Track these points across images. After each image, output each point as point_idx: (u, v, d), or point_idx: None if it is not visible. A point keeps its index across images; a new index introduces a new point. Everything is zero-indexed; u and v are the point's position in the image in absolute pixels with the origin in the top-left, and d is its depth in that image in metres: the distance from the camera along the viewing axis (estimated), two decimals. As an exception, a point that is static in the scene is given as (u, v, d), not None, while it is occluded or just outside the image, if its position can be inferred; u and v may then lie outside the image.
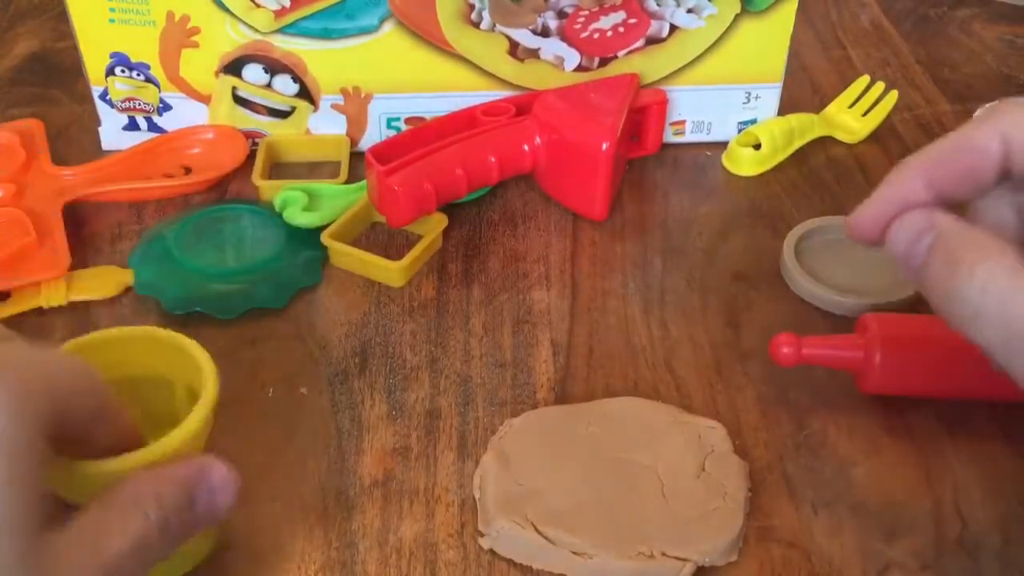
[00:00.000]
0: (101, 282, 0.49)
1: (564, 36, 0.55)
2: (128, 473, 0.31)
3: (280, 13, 0.54)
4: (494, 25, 0.54)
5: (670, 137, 0.59)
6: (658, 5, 0.55)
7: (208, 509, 0.32)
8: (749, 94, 0.58)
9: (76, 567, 0.28)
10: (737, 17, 0.55)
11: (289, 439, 0.42)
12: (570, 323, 0.48)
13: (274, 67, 0.56)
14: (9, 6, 0.73)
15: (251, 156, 0.57)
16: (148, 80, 0.56)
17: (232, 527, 0.38)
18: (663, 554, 0.36)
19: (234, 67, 0.56)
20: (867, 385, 0.42)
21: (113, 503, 0.30)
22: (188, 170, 0.57)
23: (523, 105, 0.54)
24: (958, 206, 0.33)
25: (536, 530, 0.37)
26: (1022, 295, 0.28)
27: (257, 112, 0.57)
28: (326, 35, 0.54)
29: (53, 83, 0.64)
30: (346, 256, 0.50)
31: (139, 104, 0.57)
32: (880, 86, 0.62)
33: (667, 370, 0.45)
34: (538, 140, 0.53)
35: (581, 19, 0.55)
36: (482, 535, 0.38)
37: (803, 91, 0.65)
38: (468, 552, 0.38)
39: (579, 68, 0.56)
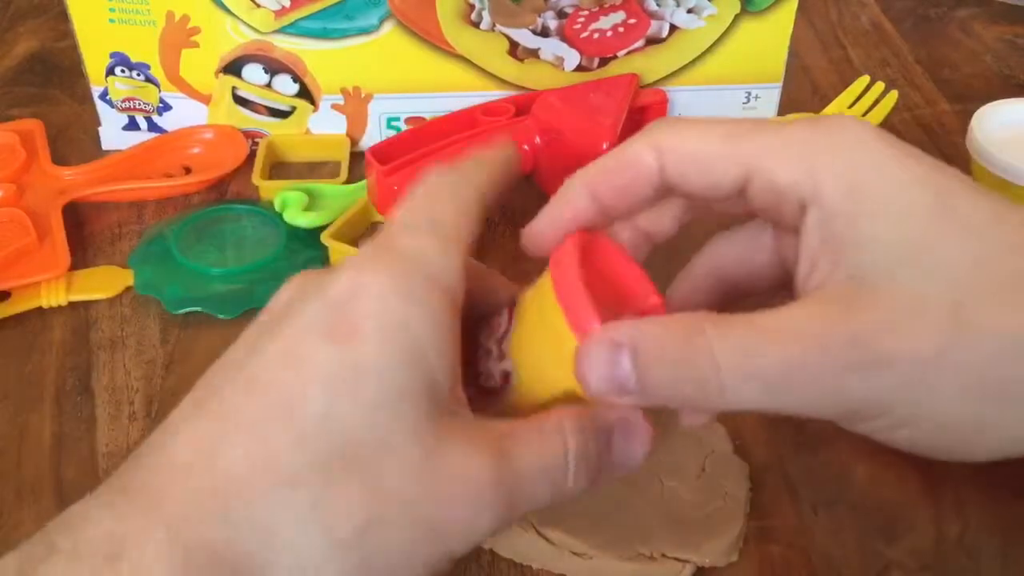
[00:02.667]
0: (101, 282, 0.49)
1: (564, 36, 0.55)
2: None
3: (280, 13, 0.54)
4: (494, 25, 0.54)
5: (670, 137, 0.59)
6: (658, 5, 0.55)
7: (622, 458, 0.31)
8: (749, 94, 0.58)
9: (471, 455, 0.28)
10: (737, 17, 0.55)
11: (289, 439, 0.42)
12: (570, 323, 0.47)
13: (274, 67, 0.56)
14: (9, 6, 0.73)
15: (251, 156, 0.57)
16: (148, 80, 0.56)
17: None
18: (663, 555, 0.36)
19: (234, 67, 0.56)
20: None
21: (533, 421, 0.30)
22: (188, 170, 0.57)
23: (523, 105, 0.54)
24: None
25: (536, 531, 0.37)
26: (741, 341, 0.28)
27: (257, 112, 0.57)
28: (326, 35, 0.54)
29: (53, 83, 0.64)
30: (346, 256, 0.50)
31: (139, 104, 0.57)
32: (880, 86, 0.62)
33: (667, 370, 0.45)
34: (538, 140, 0.53)
35: (581, 19, 0.55)
36: (482, 535, 0.38)
37: (803, 91, 0.65)
38: (468, 553, 0.38)
39: (579, 68, 0.56)
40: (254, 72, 0.56)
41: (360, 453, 0.27)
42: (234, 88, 0.56)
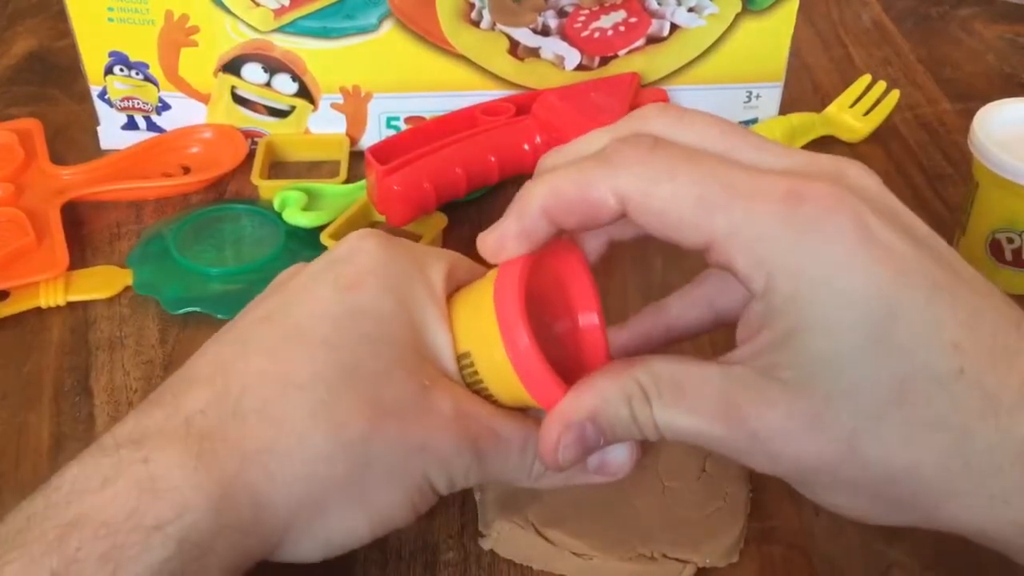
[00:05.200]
0: (100, 282, 0.49)
1: (564, 35, 0.55)
2: None
3: (279, 12, 0.54)
4: (494, 24, 0.54)
5: (671, 136, 0.59)
6: (659, 4, 0.55)
7: (598, 466, 0.34)
8: (750, 93, 0.58)
9: (461, 401, 0.32)
10: (738, 16, 0.55)
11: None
12: (570, 323, 0.47)
13: (273, 66, 0.55)
14: (7, 5, 0.72)
15: (250, 155, 0.57)
16: (147, 79, 0.56)
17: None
18: (664, 555, 0.36)
19: (233, 66, 0.55)
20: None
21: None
22: (187, 169, 0.56)
23: (523, 104, 0.54)
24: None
25: (536, 531, 0.37)
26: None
27: (256, 111, 0.57)
28: (325, 34, 0.54)
29: (52, 82, 0.64)
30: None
31: (138, 103, 0.57)
32: (881, 85, 0.62)
33: (668, 370, 0.45)
34: (538, 139, 0.52)
35: (581, 18, 0.55)
36: (482, 536, 0.38)
37: (804, 90, 0.64)
38: (468, 553, 0.38)
39: (579, 67, 0.56)
40: (253, 71, 0.56)
41: (363, 376, 0.31)
42: (233, 87, 0.56)
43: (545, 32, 0.55)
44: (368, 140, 0.58)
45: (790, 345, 0.28)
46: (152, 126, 0.58)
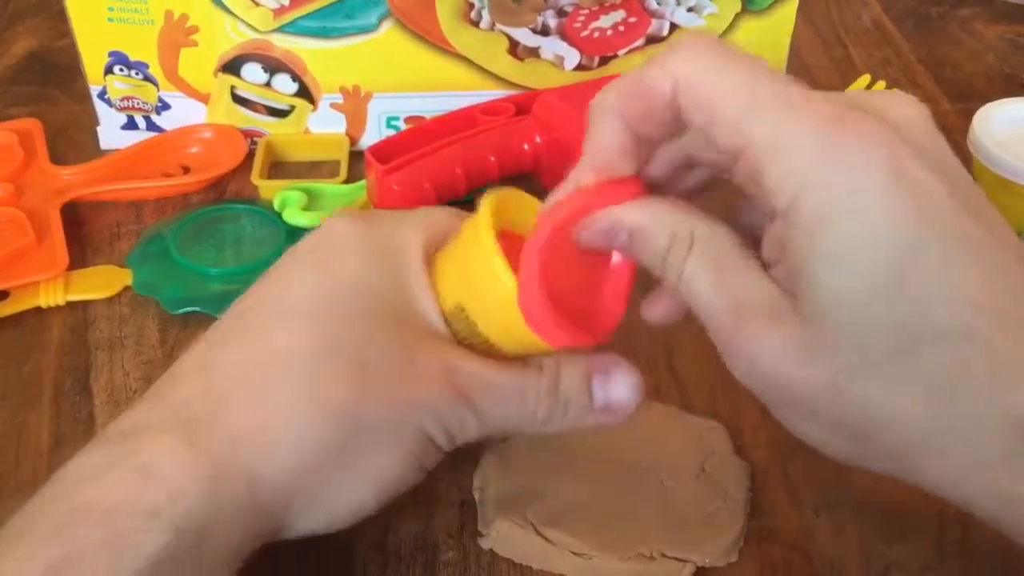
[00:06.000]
0: (99, 281, 0.49)
1: (564, 35, 0.55)
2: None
3: (279, 12, 0.53)
4: (494, 24, 0.54)
5: (670, 136, 0.59)
6: (658, 4, 0.55)
7: (606, 402, 0.34)
8: (750, 93, 0.58)
9: (449, 355, 0.32)
10: (737, 16, 0.55)
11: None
12: (570, 323, 0.47)
13: (273, 66, 0.55)
14: (7, 5, 0.72)
15: (250, 155, 0.57)
16: (147, 79, 0.56)
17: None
18: (663, 555, 0.36)
19: (233, 66, 0.55)
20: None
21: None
22: (187, 169, 0.56)
23: (523, 104, 0.54)
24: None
25: (536, 531, 0.37)
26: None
27: (256, 111, 0.57)
28: (325, 34, 0.54)
29: (51, 82, 0.64)
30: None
31: (138, 103, 0.57)
32: (881, 85, 0.62)
33: (667, 370, 0.45)
34: (538, 139, 0.52)
35: (581, 18, 0.55)
36: (482, 536, 0.38)
37: (804, 90, 0.64)
38: (468, 553, 0.38)
39: (579, 67, 0.56)
40: (253, 71, 0.56)
41: (346, 345, 0.31)
42: (233, 87, 0.56)
43: (545, 32, 0.55)
44: (368, 140, 0.58)
45: (806, 272, 0.27)
46: (152, 126, 0.58)
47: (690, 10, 0.55)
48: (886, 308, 0.27)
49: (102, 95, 0.56)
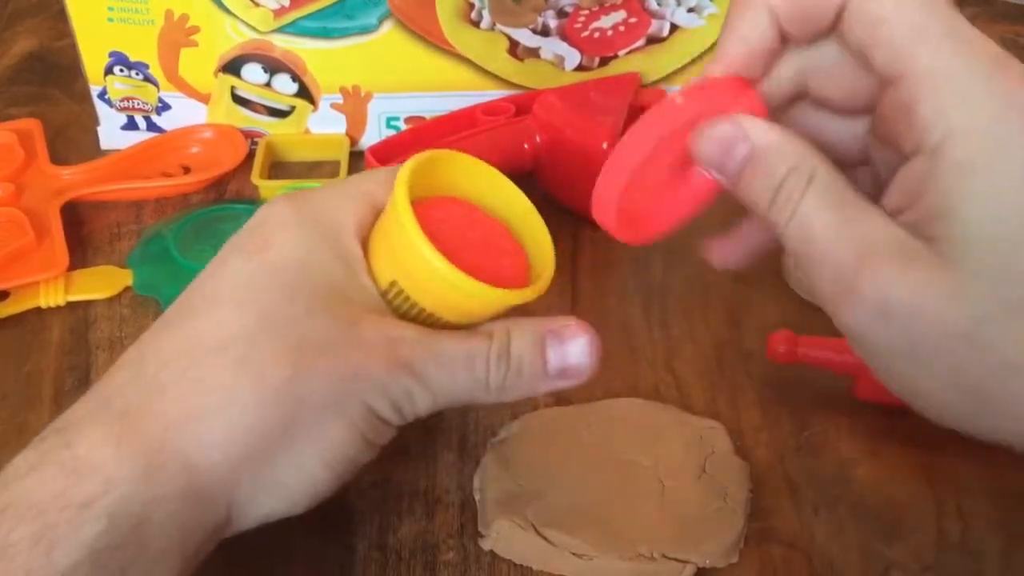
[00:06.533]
0: (100, 282, 0.49)
1: (564, 35, 0.55)
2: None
3: (279, 12, 0.53)
4: (494, 24, 0.54)
5: (670, 136, 0.59)
6: (659, 4, 0.55)
7: (562, 363, 0.34)
8: (750, 93, 0.58)
9: (391, 326, 0.32)
10: (738, 16, 0.55)
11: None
12: (570, 323, 0.47)
13: (273, 66, 0.55)
14: (7, 5, 0.72)
15: (250, 155, 0.57)
16: (147, 79, 0.56)
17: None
18: (663, 555, 0.36)
19: (233, 66, 0.55)
20: (862, 391, 0.42)
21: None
22: (187, 169, 0.56)
23: (523, 104, 0.54)
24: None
25: (536, 531, 0.37)
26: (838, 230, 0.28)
27: (256, 111, 0.57)
28: (325, 34, 0.54)
29: (51, 82, 0.64)
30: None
31: (138, 103, 0.57)
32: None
33: (667, 370, 0.45)
34: (538, 139, 0.52)
35: (581, 18, 0.55)
36: (482, 536, 0.38)
37: (804, 90, 0.64)
38: (468, 553, 0.38)
39: (579, 67, 0.56)
40: (253, 71, 0.56)
41: (281, 324, 0.31)
42: (233, 87, 0.56)
43: (545, 32, 0.55)
44: (368, 140, 0.58)
45: (952, 216, 0.26)
46: (152, 126, 0.58)
47: (690, 10, 0.55)
48: None
49: (102, 95, 0.56)
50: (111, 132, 0.58)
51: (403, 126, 0.57)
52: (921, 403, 0.30)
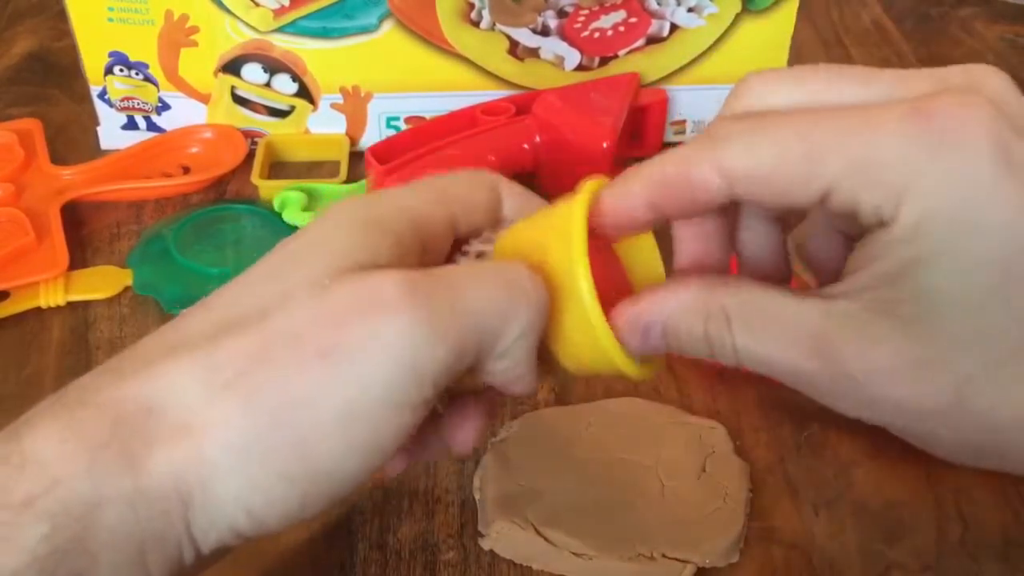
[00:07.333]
0: (100, 282, 0.49)
1: (564, 35, 0.55)
2: None
3: (279, 12, 0.53)
4: (494, 24, 0.54)
5: (671, 137, 0.59)
6: (659, 4, 0.55)
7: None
8: (750, 93, 0.58)
9: (379, 275, 0.29)
10: (738, 16, 0.55)
11: (288, 440, 0.42)
12: (570, 323, 0.47)
13: (273, 66, 0.55)
14: (7, 5, 0.72)
15: (250, 155, 0.57)
16: (147, 79, 0.56)
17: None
18: (663, 555, 0.36)
19: (233, 66, 0.55)
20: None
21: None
22: (187, 169, 0.56)
23: (523, 104, 0.54)
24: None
25: (536, 531, 0.37)
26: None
27: (256, 111, 0.57)
28: (325, 34, 0.54)
29: (51, 82, 0.64)
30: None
31: (138, 103, 0.57)
32: (881, 85, 0.62)
33: (667, 370, 0.45)
34: (538, 139, 0.52)
35: (581, 18, 0.55)
36: (482, 536, 0.38)
37: (804, 90, 0.64)
38: (468, 553, 0.38)
39: (579, 67, 0.56)
40: (253, 71, 0.56)
41: (251, 317, 0.29)
42: (233, 87, 0.56)
43: (545, 32, 0.55)
44: (368, 140, 0.58)
45: (912, 277, 0.25)
46: (152, 126, 0.58)
47: (690, 10, 0.55)
48: (1007, 305, 0.25)
49: (102, 95, 0.56)
50: (111, 132, 0.58)
51: (403, 126, 0.57)
52: (929, 451, 0.30)
